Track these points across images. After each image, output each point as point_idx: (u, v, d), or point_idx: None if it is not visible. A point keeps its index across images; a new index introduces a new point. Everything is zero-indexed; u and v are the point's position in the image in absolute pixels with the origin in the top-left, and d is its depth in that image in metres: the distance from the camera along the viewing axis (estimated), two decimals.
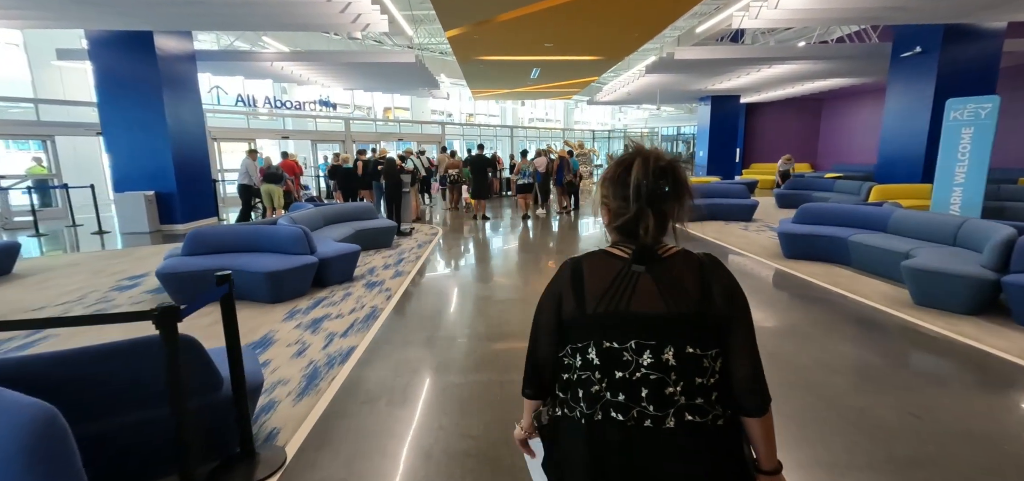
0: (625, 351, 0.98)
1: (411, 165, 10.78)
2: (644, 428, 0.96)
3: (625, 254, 1.05)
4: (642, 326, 0.98)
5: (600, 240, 8.93)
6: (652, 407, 0.96)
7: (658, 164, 1.01)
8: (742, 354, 1.00)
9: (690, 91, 18.28)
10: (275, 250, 5.39)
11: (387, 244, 7.94)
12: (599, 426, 0.99)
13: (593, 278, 1.05)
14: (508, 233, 9.38)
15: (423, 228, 9.88)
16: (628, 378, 0.98)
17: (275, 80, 14.82)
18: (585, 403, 1.02)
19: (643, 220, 1.01)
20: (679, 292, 0.99)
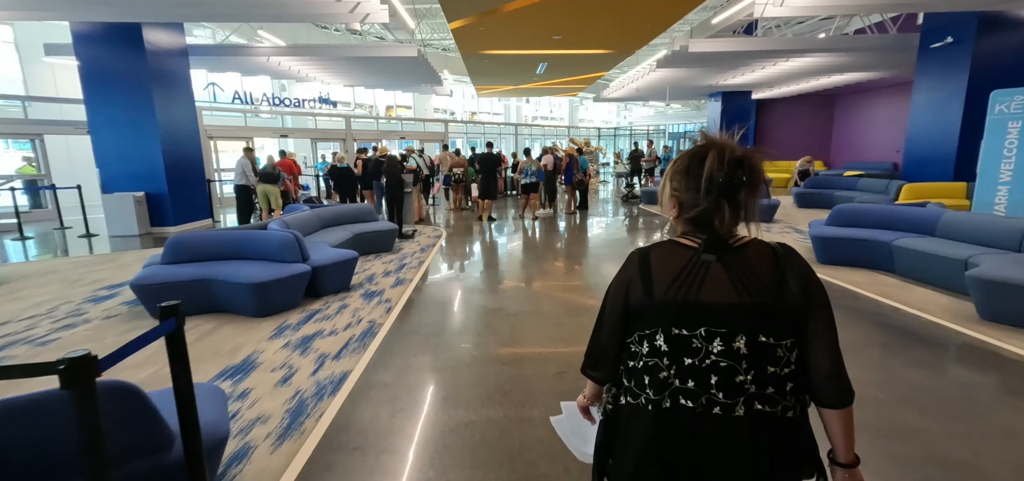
0: (694, 338, 0.98)
1: (413, 163, 10.28)
2: (713, 415, 0.96)
3: (694, 244, 1.04)
4: (712, 314, 0.98)
5: (618, 241, 8.56)
6: (722, 394, 0.96)
7: (733, 155, 0.99)
8: (822, 345, 0.99)
9: (701, 86, 17.72)
10: (264, 257, 4.90)
11: (388, 248, 7.44)
12: (667, 413, 0.99)
13: (661, 266, 1.05)
14: (515, 235, 8.87)
15: (426, 230, 9.39)
16: (697, 365, 0.97)
17: (273, 77, 14.35)
18: (652, 389, 1.02)
19: (718, 211, 1.00)
20: (752, 281, 0.98)
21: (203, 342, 3.94)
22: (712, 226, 1.01)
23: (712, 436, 0.96)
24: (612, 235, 8.92)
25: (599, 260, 6.87)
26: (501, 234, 9.06)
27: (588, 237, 8.71)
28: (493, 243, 8.28)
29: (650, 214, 11.30)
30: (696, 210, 1.03)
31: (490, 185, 10.52)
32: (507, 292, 5.31)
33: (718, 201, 0.99)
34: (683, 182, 1.05)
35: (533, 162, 10.71)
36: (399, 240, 8.26)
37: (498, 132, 27.15)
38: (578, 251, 7.57)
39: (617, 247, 7.77)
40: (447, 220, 10.97)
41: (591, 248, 7.75)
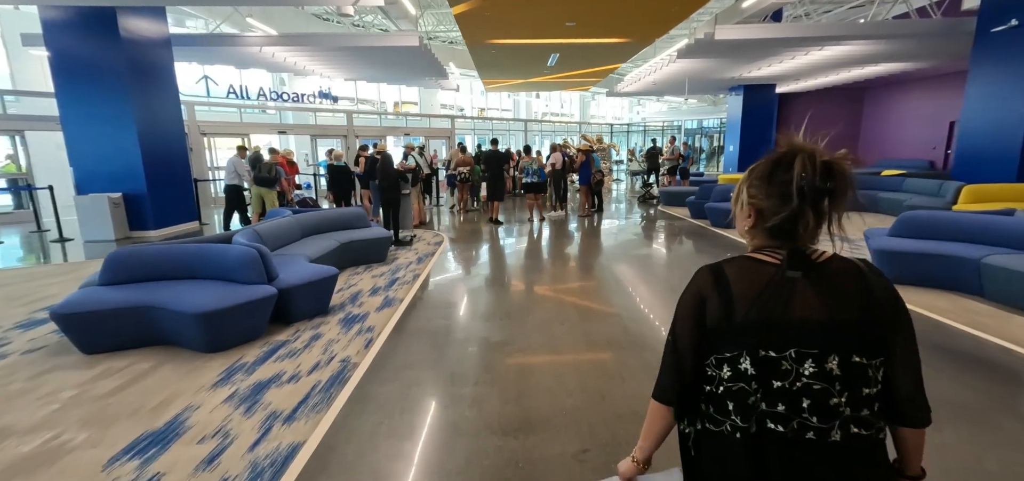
0: (784, 360, 0.93)
1: (412, 162, 9.44)
2: (806, 440, 0.92)
3: (774, 259, 0.99)
4: (803, 334, 0.93)
5: (645, 252, 7.63)
6: (815, 419, 0.91)
7: (822, 159, 0.94)
8: (907, 363, 0.96)
9: (722, 79, 16.66)
10: (222, 277, 4.08)
11: (380, 259, 6.61)
12: (756, 438, 0.94)
13: (741, 284, 0.99)
14: (524, 242, 8.00)
15: (426, 236, 8.55)
16: (788, 388, 0.93)
17: (269, 70, 13.60)
18: (739, 416, 0.96)
19: (802, 218, 0.96)
20: (840, 298, 0.95)
21: (128, 391, 3.13)
22: (795, 234, 0.97)
23: (807, 461, 0.92)
24: (635, 243, 8.01)
25: (624, 277, 5.97)
26: (508, 241, 8.19)
27: (608, 246, 7.81)
28: (499, 252, 7.42)
29: (672, 217, 10.35)
30: (778, 218, 0.97)
31: (497, 185, 9.69)
32: (514, 319, 4.44)
33: (803, 208, 0.94)
34: (763, 189, 1.00)
35: (533, 160, 9.84)
36: (395, 248, 7.43)
37: (507, 129, 26.26)
38: (597, 264, 6.68)
39: (645, 260, 6.87)
40: (451, 223, 10.13)
41: (613, 260, 6.85)
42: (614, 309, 4.64)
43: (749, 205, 1.03)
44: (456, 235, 8.85)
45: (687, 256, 7.00)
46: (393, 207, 7.59)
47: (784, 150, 0.98)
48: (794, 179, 0.94)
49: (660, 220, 10.11)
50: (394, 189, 7.52)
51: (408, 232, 8.31)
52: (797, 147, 0.97)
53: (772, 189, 0.98)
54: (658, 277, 5.86)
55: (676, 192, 11.98)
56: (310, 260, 5.08)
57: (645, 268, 6.33)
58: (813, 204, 0.94)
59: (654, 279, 5.76)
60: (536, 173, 9.77)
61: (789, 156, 0.96)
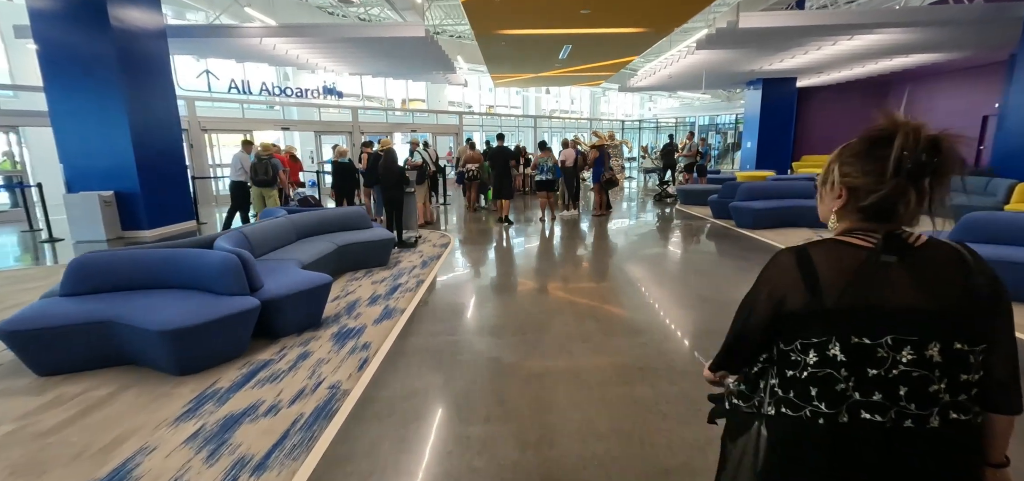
0: (879, 347, 0.90)
1: (418, 158, 8.95)
2: (904, 429, 0.90)
3: (865, 243, 0.96)
4: (901, 320, 0.90)
5: (666, 253, 7.09)
6: (913, 406, 0.90)
7: (926, 134, 0.90)
8: (1005, 350, 0.93)
9: (741, 72, 16.00)
10: (198, 286, 3.61)
11: (382, 262, 6.11)
12: (847, 427, 0.92)
13: (829, 268, 0.95)
14: (536, 244, 7.47)
15: (432, 237, 8.05)
16: (884, 376, 0.90)
17: (271, 63, 13.17)
18: (825, 403, 0.94)
19: (904, 197, 0.92)
20: (941, 283, 0.91)
21: (76, 426, 2.65)
22: (894, 214, 0.94)
23: (904, 450, 0.90)
24: (656, 246, 7.45)
25: (649, 285, 5.42)
26: (519, 242, 7.67)
27: (627, 249, 7.26)
28: (510, 255, 6.90)
29: (692, 217, 9.77)
30: (875, 196, 0.93)
31: (504, 183, 9.18)
32: (529, 335, 3.92)
33: (904, 186, 0.90)
34: (858, 166, 0.96)
35: (549, 157, 9.30)
36: (398, 250, 6.94)
37: (516, 125, 25.72)
38: (617, 270, 6.13)
39: (670, 266, 6.32)
40: (459, 223, 9.62)
41: (634, 266, 6.30)
42: (642, 324, 4.10)
43: (841, 184, 0.99)
44: (464, 235, 8.34)
45: (715, 261, 6.43)
46: (396, 207, 7.09)
47: (883, 125, 0.94)
48: (894, 153, 0.90)
49: (680, 220, 9.52)
50: (397, 187, 7.02)
51: (412, 233, 7.81)
52: (899, 122, 0.92)
53: (869, 166, 0.95)
54: (687, 286, 5.30)
55: (695, 190, 11.39)
56: (303, 266, 4.59)
57: (671, 275, 5.77)
58: (914, 181, 0.91)
59: (683, 288, 5.21)
60: (550, 170, 9.23)
61: (890, 132, 0.92)
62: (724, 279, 5.49)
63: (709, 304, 4.58)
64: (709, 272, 5.81)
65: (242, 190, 8.47)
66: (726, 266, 6.04)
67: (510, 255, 6.87)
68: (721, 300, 4.69)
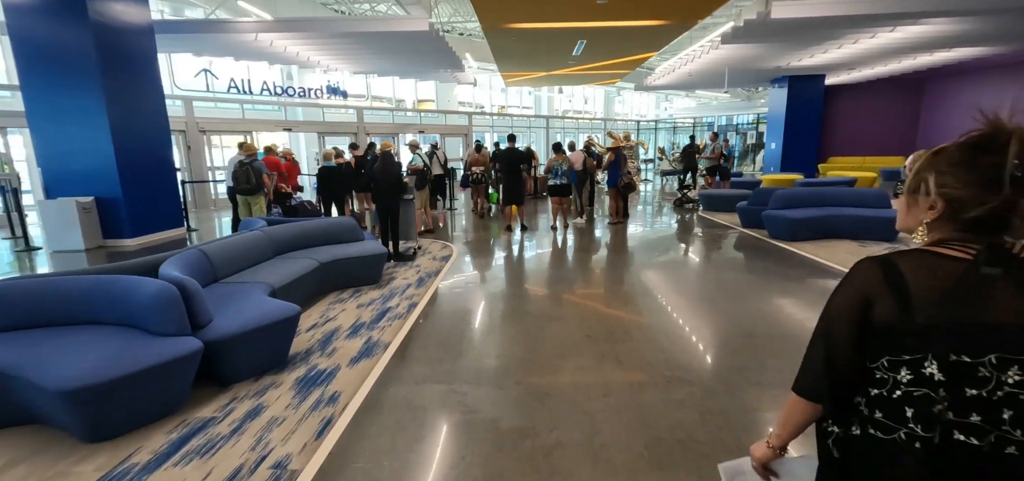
0: (982, 366, 0.85)
1: (418, 162, 8.25)
2: (1006, 455, 0.84)
3: (963, 254, 0.90)
4: (1006, 338, 0.84)
5: (700, 268, 6.32)
6: (1019, 432, 0.83)
7: None
8: None
9: (766, 69, 15.08)
10: (129, 321, 2.94)
11: (373, 280, 5.41)
12: (939, 449, 0.87)
13: (921, 280, 0.90)
14: (549, 258, 6.73)
15: (433, 247, 7.35)
16: (985, 397, 0.84)
17: (271, 61, 12.60)
18: (918, 424, 0.89)
19: (1016, 210, 0.86)
20: None
21: None
22: (1005, 227, 0.88)
23: (1003, 478, 0.85)
24: (686, 263, 6.67)
25: (685, 313, 4.64)
26: (529, 255, 6.93)
27: (652, 265, 6.48)
28: (518, 271, 6.16)
29: (717, 225, 8.93)
30: (984, 208, 0.87)
31: (515, 188, 8.45)
32: (538, 392, 3.17)
33: (1017, 197, 0.85)
34: (958, 175, 0.90)
35: (564, 160, 8.55)
36: (394, 264, 6.25)
37: (527, 125, 24.98)
38: (643, 292, 5.36)
39: (709, 289, 5.53)
40: (464, 230, 8.91)
41: (664, 287, 5.52)
42: (679, 373, 3.33)
43: (938, 195, 0.92)
44: (467, 246, 7.63)
45: (757, 283, 5.59)
46: (392, 216, 6.40)
47: (988, 131, 0.87)
48: (1007, 164, 0.84)
49: (705, 229, 8.69)
50: (392, 194, 6.32)
51: (411, 244, 7.12)
52: (1008, 128, 0.86)
53: (972, 175, 0.88)
54: (729, 316, 4.50)
55: (719, 196, 10.54)
56: (273, 291, 3.91)
57: (708, 302, 4.98)
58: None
59: (725, 319, 4.41)
60: (565, 175, 8.48)
61: (998, 138, 0.85)
62: (770, 305, 4.69)
63: (758, 342, 3.80)
64: (751, 297, 5.00)
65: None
66: (771, 289, 5.23)
67: (518, 271, 6.13)
68: (771, 333, 3.90)
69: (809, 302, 4.69)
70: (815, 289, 5.11)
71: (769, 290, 5.13)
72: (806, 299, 4.79)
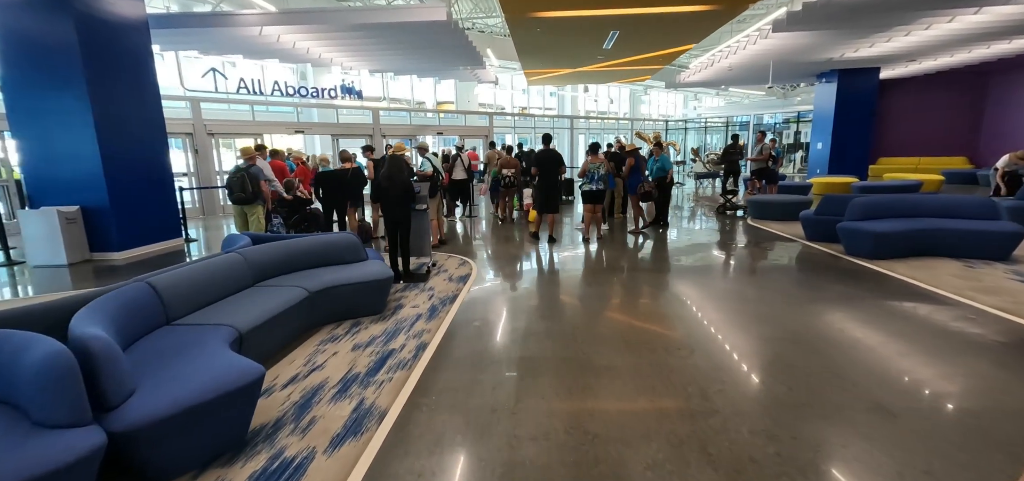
0: None
1: (428, 167, 7.33)
2: None
3: None
4: None
5: (770, 307, 4.71)
6: None
7: None
8: None
9: (814, 62, 13.76)
10: (8, 398, 2.06)
11: (375, 310, 4.50)
12: None
13: None
14: (586, 272, 5.72)
15: (450, 264, 6.42)
16: None
17: (283, 60, 11.91)
18: None
19: None
20: None
21: None
22: None
23: None
24: (756, 290, 5.58)
25: (771, 366, 3.59)
26: (563, 271, 5.93)
27: (715, 295, 5.41)
28: (552, 295, 5.15)
29: (775, 237, 7.78)
30: None
31: (552, 194, 7.53)
32: (596, 471, 2.18)
33: None
34: None
35: (602, 162, 7.55)
36: (403, 286, 5.33)
37: (550, 126, 23.96)
38: (706, 336, 4.31)
39: (790, 323, 4.45)
40: (486, 240, 7.97)
41: (738, 324, 4.47)
42: (797, 455, 2.29)
43: None
44: (489, 260, 6.68)
45: (859, 315, 4.50)
46: (401, 229, 5.48)
47: None
48: None
49: (764, 243, 7.55)
50: (401, 205, 5.40)
51: (424, 260, 6.20)
52: None
53: None
54: (833, 368, 3.43)
55: (770, 203, 9.35)
56: (237, 337, 3.01)
57: (802, 344, 3.90)
58: None
59: (835, 381, 3.35)
60: (602, 179, 7.48)
61: None
62: (889, 351, 3.59)
63: (889, 413, 2.72)
64: (859, 343, 3.90)
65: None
66: (875, 325, 4.12)
67: (552, 294, 5.13)
68: (914, 403, 2.83)
69: (935, 349, 3.57)
70: (931, 327, 3.98)
71: (873, 325, 4.02)
72: (931, 345, 3.67)
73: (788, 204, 9.00)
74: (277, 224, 7.14)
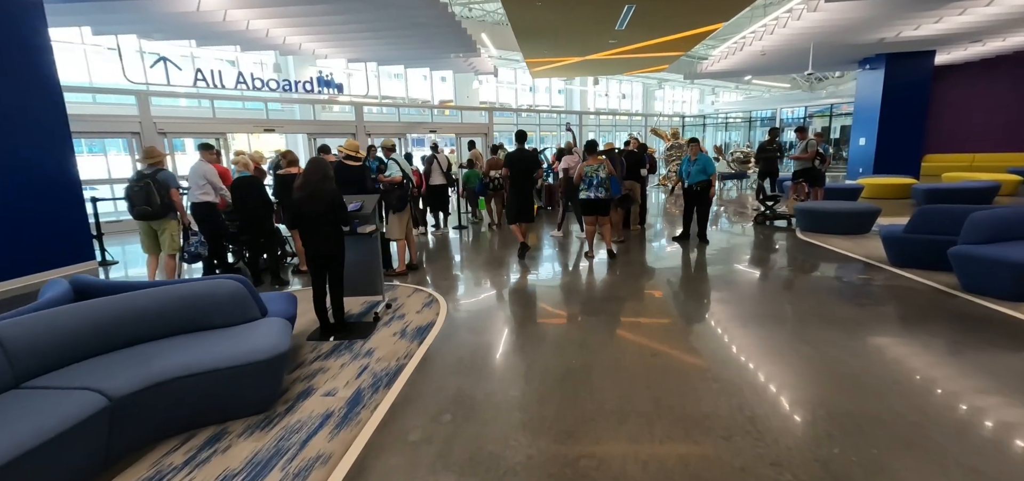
0: None
1: (396, 172, 5.64)
2: None
3: None
4: None
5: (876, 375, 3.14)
6: None
7: None
8: None
9: (861, 44, 11.88)
10: None
11: (259, 405, 2.81)
12: None
13: None
14: (603, 319, 4.00)
15: (411, 302, 4.72)
16: None
17: (244, 47, 10.32)
18: None
19: None
20: None
21: None
22: None
23: None
24: (847, 342, 3.81)
25: None
26: (571, 310, 4.21)
27: (780, 338, 3.66)
28: (558, 358, 3.43)
29: (837, 255, 5.98)
30: None
31: (524, 199, 6.08)
32: None
33: None
34: None
35: (601, 164, 5.90)
36: (333, 342, 3.66)
37: (556, 124, 22.20)
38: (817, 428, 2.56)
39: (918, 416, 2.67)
40: (462, 260, 6.27)
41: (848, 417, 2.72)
42: None
43: None
44: (468, 292, 4.99)
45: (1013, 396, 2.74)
46: (329, 266, 3.79)
47: None
48: None
49: (829, 268, 5.76)
50: (328, 228, 3.71)
51: (374, 301, 4.52)
52: None
53: None
54: None
55: (824, 213, 7.52)
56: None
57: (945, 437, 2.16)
58: None
59: None
60: (603, 184, 5.84)
61: None
62: None
63: None
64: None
65: (209, 214, 5.59)
66: None
67: (554, 359, 3.42)
68: None
69: None
70: None
71: None
72: None
73: (853, 215, 7.19)
74: (196, 243, 5.50)
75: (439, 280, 5.64)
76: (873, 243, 6.62)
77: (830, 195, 9.39)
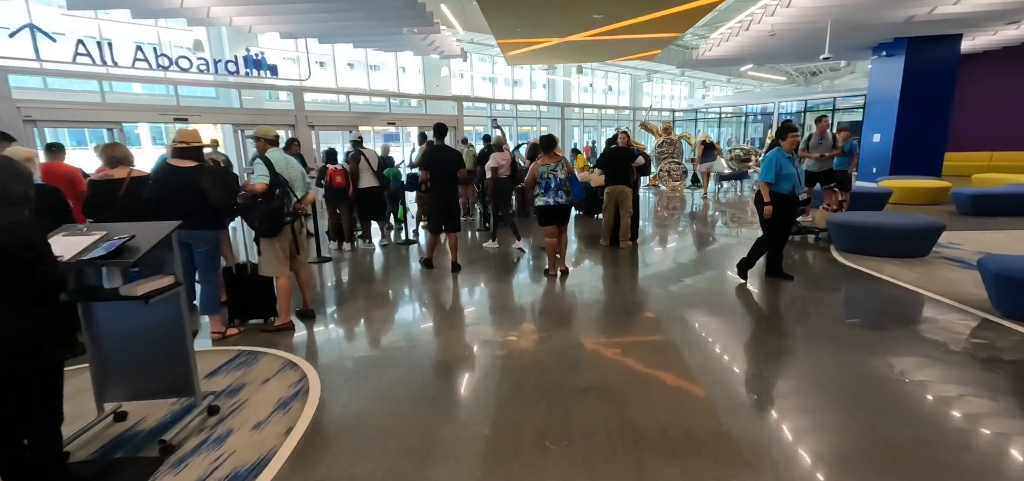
0: None
1: (262, 178, 3.68)
2: None
3: None
4: None
5: None
6: None
7: None
8: None
9: (881, 24, 10.24)
10: None
11: None
12: None
13: None
14: (558, 393, 2.19)
15: (262, 396, 2.84)
16: None
17: (135, 14, 8.22)
18: None
19: None
20: None
21: None
22: None
23: None
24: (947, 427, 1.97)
25: None
26: (512, 382, 2.37)
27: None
28: None
29: (897, 290, 4.23)
30: None
31: (449, 204, 4.43)
32: None
33: None
34: None
35: (559, 163, 4.25)
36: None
37: (537, 116, 20.39)
38: None
39: None
40: (361, 297, 4.41)
41: None
42: None
43: None
44: (357, 350, 3.13)
45: None
46: (17, 377, 1.87)
47: None
48: None
49: (895, 310, 4.02)
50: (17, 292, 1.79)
51: (186, 405, 2.61)
52: None
53: None
54: None
55: (867, 228, 5.79)
56: None
57: None
58: None
59: None
60: (563, 186, 4.23)
61: None
62: None
63: None
64: None
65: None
66: None
67: None
68: None
69: None
70: None
71: None
72: None
73: (912, 232, 5.46)
74: None
75: (333, 338, 3.74)
76: (943, 271, 4.92)
77: (855, 198, 7.70)
